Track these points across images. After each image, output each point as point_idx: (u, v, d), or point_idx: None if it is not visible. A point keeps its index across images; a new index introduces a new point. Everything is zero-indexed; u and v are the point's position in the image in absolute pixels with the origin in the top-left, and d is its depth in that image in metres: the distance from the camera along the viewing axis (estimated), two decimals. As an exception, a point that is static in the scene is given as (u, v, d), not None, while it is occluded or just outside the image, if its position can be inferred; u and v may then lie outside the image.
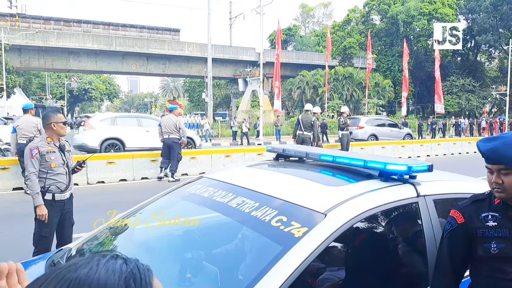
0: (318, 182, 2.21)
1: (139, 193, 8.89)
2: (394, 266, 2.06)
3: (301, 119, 12.06)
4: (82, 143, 13.48)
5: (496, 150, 1.65)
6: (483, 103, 47.57)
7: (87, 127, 13.81)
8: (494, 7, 43.25)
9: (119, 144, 13.59)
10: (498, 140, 1.69)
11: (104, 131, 13.48)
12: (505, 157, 1.63)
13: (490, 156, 1.67)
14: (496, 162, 1.66)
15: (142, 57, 41.04)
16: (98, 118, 14.45)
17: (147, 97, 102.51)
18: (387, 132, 22.24)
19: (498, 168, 1.66)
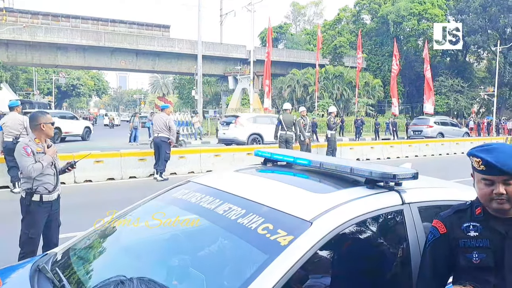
0: (304, 189, 2.21)
1: (127, 192, 8.84)
2: (379, 273, 2.07)
3: (283, 119, 12.07)
4: (233, 137, 17.36)
5: (504, 161, 1.65)
6: (471, 104, 48.12)
7: (238, 125, 17.65)
8: (483, 8, 43.71)
9: (259, 138, 17.51)
10: (498, 151, 1.69)
11: (250, 127, 17.50)
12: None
13: (498, 167, 1.64)
14: (503, 173, 1.65)
15: (131, 53, 40.73)
16: (245, 117, 18.54)
17: (136, 94, 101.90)
18: (450, 131, 24.96)
19: (502, 179, 1.66)
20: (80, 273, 2.14)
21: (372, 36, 48.58)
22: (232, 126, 18.08)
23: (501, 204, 1.68)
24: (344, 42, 46.63)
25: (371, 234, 2.15)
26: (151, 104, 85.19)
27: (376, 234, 2.17)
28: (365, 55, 44.29)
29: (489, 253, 1.69)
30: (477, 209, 1.77)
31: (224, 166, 11.84)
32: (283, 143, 12.03)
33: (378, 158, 15.86)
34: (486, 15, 43.74)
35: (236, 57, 44.68)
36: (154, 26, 45.87)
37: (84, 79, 68.79)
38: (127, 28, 43.76)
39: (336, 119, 14.66)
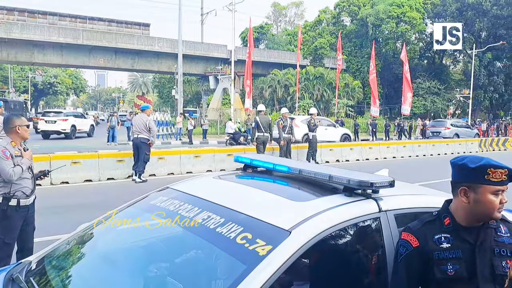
0: (284, 197, 2.22)
1: (105, 194, 8.72)
2: (357, 282, 2.10)
3: (260, 121, 12.08)
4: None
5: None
6: (448, 105, 49.16)
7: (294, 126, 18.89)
8: (459, 12, 44.69)
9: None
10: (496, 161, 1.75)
11: (303, 128, 18.65)
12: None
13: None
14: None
15: (110, 52, 40.11)
16: (299, 120, 20.87)
17: (115, 92, 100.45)
18: (464, 132, 27.96)
19: (506, 188, 1.74)
20: (55, 282, 2.10)
21: (352, 38, 49.15)
22: None
23: (500, 212, 1.75)
24: (324, 44, 47.02)
25: (349, 242, 2.17)
26: (130, 103, 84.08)
27: (354, 242, 2.19)
28: (345, 57, 44.76)
29: (462, 263, 1.71)
30: (445, 220, 1.80)
31: (204, 167, 11.78)
32: (261, 145, 12.04)
33: (357, 159, 16.04)
34: (462, 18, 44.73)
35: (217, 57, 44.50)
36: (134, 24, 45.29)
37: (62, 77, 67.39)
38: (106, 26, 43.09)
39: (316, 121, 14.77)
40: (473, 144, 21.61)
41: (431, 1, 48.31)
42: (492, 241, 1.74)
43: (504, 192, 1.73)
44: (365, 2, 50.24)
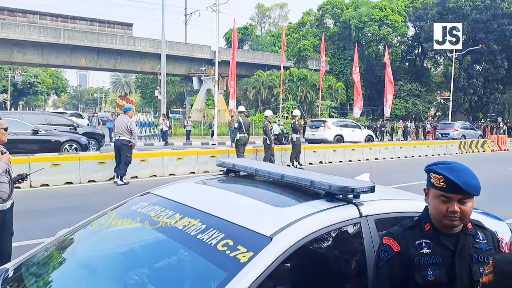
0: (265, 202, 2.21)
1: (86, 197, 8.59)
2: (338, 287, 2.11)
3: (243, 122, 12.10)
4: (323, 137, 22.01)
5: (468, 182, 1.69)
6: (429, 107, 49.98)
7: (326, 128, 22.83)
8: (440, 15, 45.50)
9: (341, 138, 22.34)
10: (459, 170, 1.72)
11: (334, 130, 22.58)
12: (472, 187, 1.69)
13: (461, 186, 1.68)
14: (462, 192, 1.70)
15: (92, 51, 39.58)
16: (331, 122, 23.97)
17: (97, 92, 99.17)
18: (470, 133, 30.46)
19: (459, 198, 1.71)
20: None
21: (335, 40, 49.58)
22: (321, 128, 23.22)
23: (452, 221, 1.74)
24: (308, 45, 47.32)
25: (330, 248, 2.18)
26: (112, 103, 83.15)
27: (335, 248, 2.20)
28: (328, 59, 45.08)
29: (442, 269, 1.73)
30: (426, 225, 1.82)
31: (187, 169, 11.71)
32: (242, 147, 12.01)
33: (340, 161, 16.16)
34: (443, 22, 45.56)
35: (201, 58, 44.33)
36: (117, 24, 44.79)
37: (42, 77, 66.19)
38: (88, 26, 42.51)
39: (300, 122, 14.86)
40: (453, 146, 21.99)
41: (413, 5, 49.11)
42: (471, 248, 1.77)
43: (455, 202, 1.71)
44: (348, 5, 50.79)
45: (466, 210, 1.72)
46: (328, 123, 23.41)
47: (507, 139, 27.02)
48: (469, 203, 1.73)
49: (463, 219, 1.74)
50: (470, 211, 1.74)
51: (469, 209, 1.73)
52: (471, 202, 1.74)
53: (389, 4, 48.22)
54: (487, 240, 1.82)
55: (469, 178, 1.71)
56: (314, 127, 24.38)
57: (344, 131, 23.37)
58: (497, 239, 1.85)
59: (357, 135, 23.48)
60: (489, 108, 51.78)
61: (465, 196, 1.71)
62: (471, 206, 1.74)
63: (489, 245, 1.78)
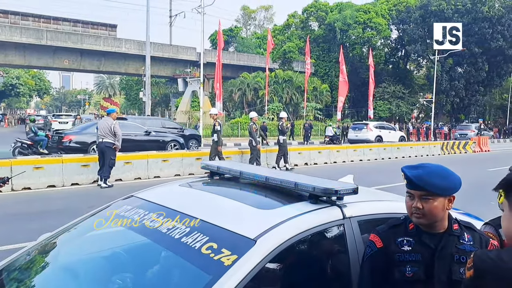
0: (250, 205, 2.22)
1: (69, 200, 8.48)
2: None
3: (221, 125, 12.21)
4: (365, 138, 25.25)
5: (422, 177, 1.77)
6: (412, 109, 50.62)
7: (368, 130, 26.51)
8: (423, 19, 46.17)
9: (381, 139, 25.76)
10: (423, 169, 1.81)
11: (375, 132, 26.37)
12: (429, 184, 1.76)
13: (415, 182, 1.78)
14: (419, 188, 1.77)
15: (75, 53, 39.12)
16: (372, 125, 27.64)
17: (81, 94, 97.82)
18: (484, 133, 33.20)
19: (420, 194, 1.78)
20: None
21: (320, 42, 49.90)
22: (364, 130, 26.91)
23: (418, 218, 1.80)
24: (293, 48, 47.52)
25: (314, 250, 2.19)
26: (96, 105, 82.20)
27: (319, 249, 2.22)
28: (313, 61, 45.37)
29: (421, 266, 1.78)
30: (410, 224, 1.87)
31: (172, 171, 11.65)
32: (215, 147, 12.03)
33: (325, 162, 16.26)
34: (425, 25, 46.25)
35: (186, 59, 44.18)
36: (100, 25, 44.35)
37: (24, 78, 65.00)
38: (71, 27, 41.99)
39: (287, 123, 14.92)
40: (435, 147, 22.32)
41: (396, 8, 49.73)
42: (453, 248, 1.80)
43: (418, 198, 1.79)
44: (333, 7, 51.19)
45: (428, 208, 1.77)
46: (370, 125, 27.45)
47: (488, 140, 27.53)
48: (434, 202, 1.77)
49: (428, 217, 1.79)
50: (435, 209, 1.78)
51: (433, 207, 1.77)
52: (436, 202, 1.78)
53: (373, 7, 48.78)
54: (474, 241, 1.84)
55: (426, 175, 1.78)
56: (357, 129, 28.08)
57: (383, 132, 27.21)
58: (487, 241, 1.87)
59: (393, 136, 27.45)
60: (470, 110, 52.68)
61: (425, 193, 1.77)
62: (437, 205, 1.78)
63: (476, 247, 1.81)
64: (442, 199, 1.78)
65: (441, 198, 1.78)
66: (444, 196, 1.78)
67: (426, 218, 1.79)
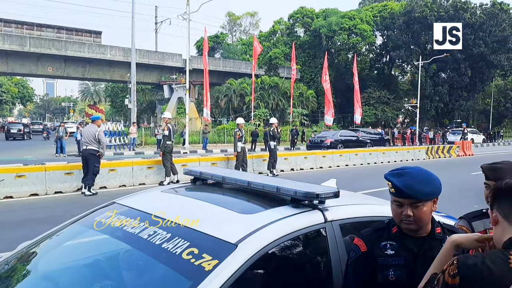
0: (231, 210, 2.21)
1: (52, 208, 8.35)
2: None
3: (173, 129, 11.88)
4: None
5: (411, 187, 1.77)
6: (397, 114, 51.21)
7: None
8: (407, 25, 46.88)
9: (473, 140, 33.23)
10: (408, 176, 1.81)
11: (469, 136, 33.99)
12: (419, 192, 1.76)
13: (405, 191, 1.77)
14: (409, 197, 1.77)
15: (59, 60, 38.69)
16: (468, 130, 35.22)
17: (65, 101, 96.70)
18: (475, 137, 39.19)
19: (409, 202, 1.78)
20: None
21: (306, 48, 50.26)
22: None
23: (408, 225, 1.81)
24: (279, 54, 47.76)
25: (296, 254, 2.20)
26: (81, 112, 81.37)
27: (300, 253, 2.22)
28: (299, 67, 45.63)
29: (404, 270, 1.79)
30: (393, 228, 1.88)
31: (158, 178, 11.56)
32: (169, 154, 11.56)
33: (311, 167, 16.31)
34: (409, 31, 46.96)
35: (172, 66, 44.04)
36: (85, 32, 43.97)
37: (7, 86, 64.03)
38: (55, 33, 41.56)
39: (279, 129, 14.97)
40: (420, 151, 22.58)
41: (381, 14, 50.41)
42: (436, 252, 1.81)
43: (408, 206, 1.78)
44: (318, 14, 51.67)
45: (419, 214, 1.78)
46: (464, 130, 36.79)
47: (471, 144, 27.95)
48: (423, 208, 1.78)
49: (418, 222, 1.80)
50: (424, 215, 1.79)
51: (422, 213, 1.79)
52: (425, 207, 1.79)
53: (358, 13, 49.36)
54: None
55: (415, 183, 1.78)
56: (456, 133, 37.67)
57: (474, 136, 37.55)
58: None
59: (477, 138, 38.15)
60: (454, 115, 53.52)
61: (415, 200, 1.78)
62: (426, 210, 1.79)
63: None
64: (429, 203, 1.80)
65: (428, 202, 1.80)
66: (431, 200, 1.80)
67: (416, 224, 1.80)
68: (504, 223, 1.49)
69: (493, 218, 1.52)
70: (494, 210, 1.53)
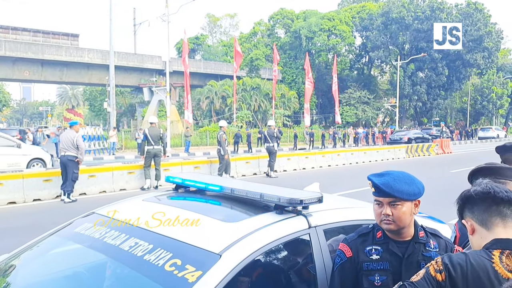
0: (215, 218, 2.18)
1: (30, 217, 8.15)
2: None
3: (149, 133, 11.32)
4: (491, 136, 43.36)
5: (389, 184, 1.79)
6: (377, 114, 51.87)
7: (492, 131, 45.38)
8: (385, 26, 47.55)
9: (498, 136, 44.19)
10: (388, 176, 1.84)
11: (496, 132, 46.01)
12: (396, 190, 1.78)
13: (383, 189, 1.80)
14: (387, 195, 1.80)
15: (36, 63, 37.90)
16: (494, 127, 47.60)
17: (43, 106, 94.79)
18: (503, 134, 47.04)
19: (388, 201, 1.80)
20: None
21: (287, 49, 50.50)
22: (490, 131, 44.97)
23: (388, 224, 1.82)
24: (260, 55, 47.84)
25: (281, 260, 2.18)
26: (59, 116, 79.89)
27: (285, 260, 2.20)
28: (280, 68, 45.81)
29: (389, 275, 1.80)
30: (378, 233, 1.89)
31: (139, 183, 11.41)
32: (150, 158, 11.29)
33: (295, 169, 16.36)
34: (387, 32, 47.64)
35: (152, 68, 43.58)
36: (62, 35, 43.19)
37: (-18, 90, 62.45)
38: (31, 37, 40.71)
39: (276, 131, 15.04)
40: (400, 150, 22.88)
41: (359, 15, 51.04)
42: (419, 255, 1.83)
43: (387, 205, 1.81)
44: (299, 15, 52.01)
45: (398, 213, 1.80)
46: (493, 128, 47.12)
47: (449, 142, 28.48)
48: (402, 208, 1.80)
49: (397, 223, 1.81)
50: (403, 215, 1.80)
51: (402, 213, 1.80)
52: (404, 207, 1.80)
53: (337, 15, 49.85)
54: (440, 248, 1.88)
55: (393, 182, 1.80)
56: (485, 130, 46.26)
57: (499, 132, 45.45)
58: (452, 248, 1.91)
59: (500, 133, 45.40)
60: (432, 113, 54.52)
61: (394, 199, 1.79)
62: (406, 211, 1.81)
63: (441, 253, 1.83)
64: (409, 203, 1.81)
65: (408, 203, 1.81)
66: (411, 200, 1.81)
67: (395, 224, 1.81)
68: (481, 230, 1.51)
69: (470, 227, 1.54)
70: (468, 219, 1.55)
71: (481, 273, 1.40)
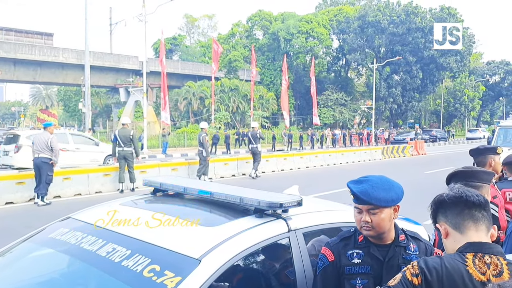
0: (194, 222, 2.16)
1: (2, 220, 7.92)
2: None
3: (119, 134, 11.10)
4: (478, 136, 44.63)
5: (367, 192, 1.81)
6: (354, 116, 52.56)
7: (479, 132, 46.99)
8: (361, 29, 48.25)
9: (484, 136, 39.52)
10: (367, 183, 1.84)
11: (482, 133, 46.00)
12: (374, 198, 1.80)
13: (361, 197, 1.81)
14: (366, 203, 1.81)
15: (8, 62, 36.86)
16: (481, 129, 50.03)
17: (15, 106, 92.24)
18: None
19: (367, 208, 1.81)
20: None
21: (265, 51, 50.64)
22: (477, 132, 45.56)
23: (367, 231, 1.84)
24: (238, 56, 47.83)
25: (261, 264, 2.18)
26: (32, 117, 77.93)
27: (265, 264, 2.20)
28: (258, 69, 45.89)
29: (371, 278, 1.82)
30: (359, 237, 1.90)
31: (115, 185, 11.22)
32: (122, 160, 11.07)
33: (273, 170, 16.40)
34: (363, 35, 48.36)
35: (128, 68, 42.97)
36: (35, 34, 42.16)
37: (-50, 90, 60.41)
38: (4, 35, 39.60)
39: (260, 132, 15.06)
40: (376, 152, 23.24)
41: (336, 19, 51.67)
42: (400, 259, 1.85)
43: (366, 212, 1.82)
44: (277, 17, 52.24)
45: (376, 220, 1.81)
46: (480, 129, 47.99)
47: (424, 144, 29.08)
48: (381, 214, 1.82)
49: (377, 229, 1.83)
50: (382, 222, 1.82)
51: (380, 220, 1.82)
52: (383, 214, 1.82)
53: (315, 17, 50.30)
54: (420, 251, 1.91)
55: (371, 190, 1.82)
56: (472, 132, 47.84)
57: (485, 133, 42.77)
58: (432, 250, 1.95)
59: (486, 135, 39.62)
60: (407, 115, 55.61)
61: (372, 206, 1.81)
62: (385, 217, 1.82)
63: (421, 256, 1.85)
64: (388, 210, 1.83)
65: (387, 209, 1.82)
66: (389, 207, 1.83)
67: (375, 231, 1.83)
68: (455, 233, 1.54)
69: (444, 231, 1.57)
70: (441, 223, 1.59)
71: (456, 276, 1.43)
